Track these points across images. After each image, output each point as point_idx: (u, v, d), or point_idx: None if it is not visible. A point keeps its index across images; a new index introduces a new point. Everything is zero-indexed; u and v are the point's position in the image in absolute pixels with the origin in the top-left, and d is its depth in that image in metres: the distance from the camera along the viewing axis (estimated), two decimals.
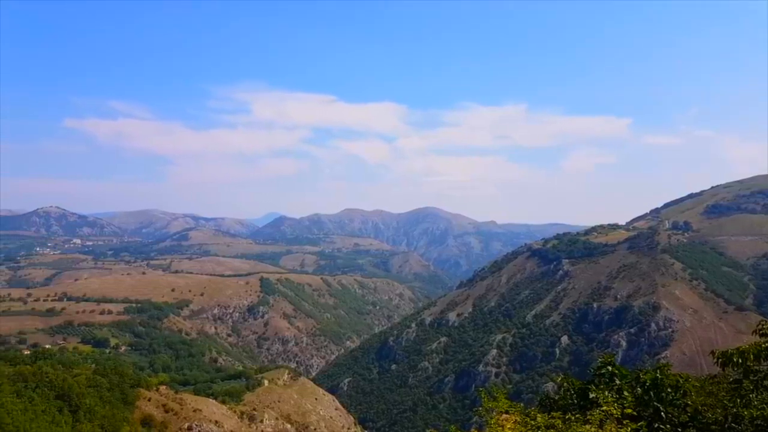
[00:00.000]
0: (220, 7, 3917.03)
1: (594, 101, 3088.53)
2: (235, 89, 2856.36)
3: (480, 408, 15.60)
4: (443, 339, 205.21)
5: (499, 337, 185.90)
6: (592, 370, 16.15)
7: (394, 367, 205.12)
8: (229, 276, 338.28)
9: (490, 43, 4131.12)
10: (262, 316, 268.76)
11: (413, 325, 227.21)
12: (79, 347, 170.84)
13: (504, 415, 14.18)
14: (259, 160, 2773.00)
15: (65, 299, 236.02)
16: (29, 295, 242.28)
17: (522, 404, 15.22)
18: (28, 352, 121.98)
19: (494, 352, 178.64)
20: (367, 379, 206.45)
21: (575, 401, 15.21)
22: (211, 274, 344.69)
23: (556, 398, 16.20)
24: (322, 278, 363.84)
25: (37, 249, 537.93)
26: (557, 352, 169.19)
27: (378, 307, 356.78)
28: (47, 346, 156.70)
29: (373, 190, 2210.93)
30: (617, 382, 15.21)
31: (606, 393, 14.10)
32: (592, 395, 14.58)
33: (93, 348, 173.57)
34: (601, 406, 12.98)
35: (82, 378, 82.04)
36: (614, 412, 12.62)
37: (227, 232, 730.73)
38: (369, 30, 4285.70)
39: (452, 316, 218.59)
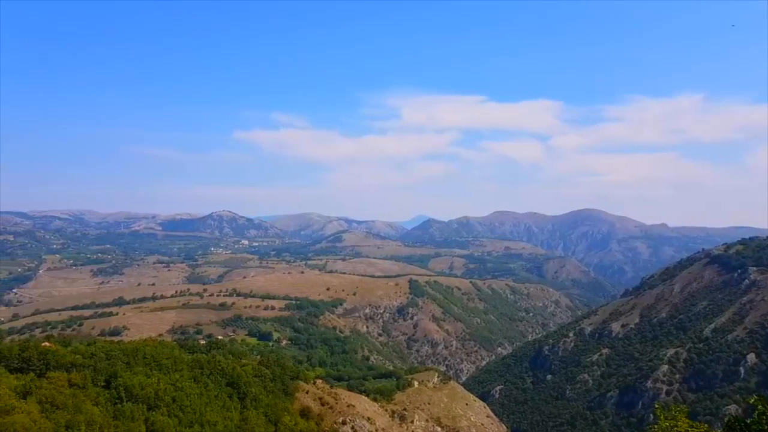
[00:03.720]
0: (370, 17, 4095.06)
1: None
2: (386, 96, 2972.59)
3: (655, 426, 14.76)
4: (605, 351, 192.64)
5: (671, 351, 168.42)
6: None
7: (549, 377, 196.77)
8: (379, 277, 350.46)
9: (660, 30, 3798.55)
10: (412, 318, 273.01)
11: (571, 334, 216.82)
12: (246, 339, 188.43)
13: None
14: (408, 163, 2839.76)
15: (235, 295, 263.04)
16: (205, 290, 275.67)
17: (706, 425, 12.81)
18: (204, 342, 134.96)
19: (665, 367, 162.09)
20: (520, 388, 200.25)
21: None
22: (362, 275, 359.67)
23: (749, 422, 14.43)
24: (471, 282, 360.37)
25: (212, 249, 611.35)
26: (742, 371, 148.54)
27: (531, 314, 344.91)
28: (219, 337, 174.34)
29: (524, 192, 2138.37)
30: None
31: None
32: None
33: (258, 341, 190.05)
34: None
35: (248, 368, 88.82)
36: None
37: (377, 234, 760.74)
38: (522, 26, 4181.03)
39: (616, 327, 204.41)
